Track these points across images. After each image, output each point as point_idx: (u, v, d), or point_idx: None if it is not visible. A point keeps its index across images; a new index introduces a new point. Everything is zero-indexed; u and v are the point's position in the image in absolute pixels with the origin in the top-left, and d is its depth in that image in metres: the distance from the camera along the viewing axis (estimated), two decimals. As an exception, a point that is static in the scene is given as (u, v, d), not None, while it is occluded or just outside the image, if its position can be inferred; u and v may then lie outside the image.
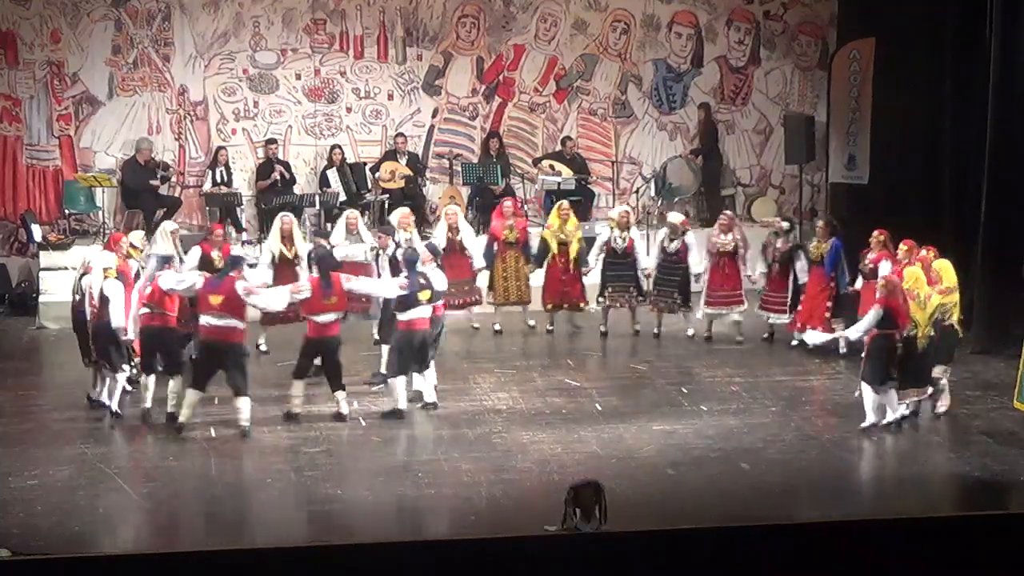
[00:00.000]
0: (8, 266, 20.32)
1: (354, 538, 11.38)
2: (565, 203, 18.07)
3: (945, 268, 14.22)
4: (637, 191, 21.61)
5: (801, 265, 16.87)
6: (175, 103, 20.86)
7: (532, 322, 17.74)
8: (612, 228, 17.45)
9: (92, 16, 20.56)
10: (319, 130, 21.26)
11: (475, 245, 17.65)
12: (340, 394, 14.03)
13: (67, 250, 19.55)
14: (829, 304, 16.60)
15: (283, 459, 13.13)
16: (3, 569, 8.62)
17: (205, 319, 13.59)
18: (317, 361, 14.30)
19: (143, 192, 20.08)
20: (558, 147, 21.41)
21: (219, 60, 20.95)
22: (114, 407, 14.15)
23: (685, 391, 15.22)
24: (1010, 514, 10.98)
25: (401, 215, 16.95)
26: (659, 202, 21.34)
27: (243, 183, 20.74)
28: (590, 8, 21.69)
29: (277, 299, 14.14)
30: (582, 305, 17.53)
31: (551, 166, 20.83)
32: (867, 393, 13.87)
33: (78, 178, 20.24)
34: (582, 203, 20.59)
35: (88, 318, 14.34)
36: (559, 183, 20.28)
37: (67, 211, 20.43)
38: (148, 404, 14.03)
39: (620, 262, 17.37)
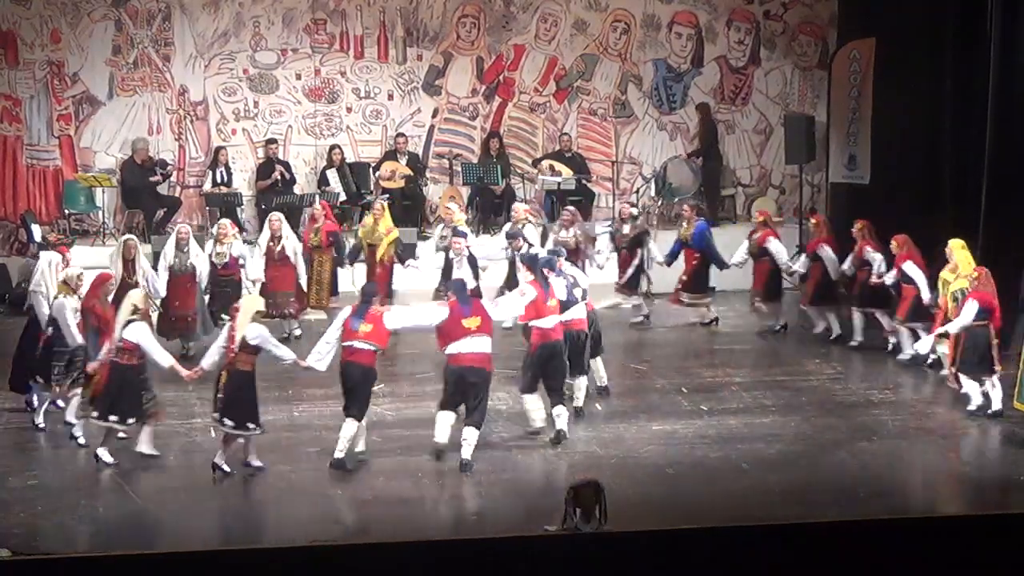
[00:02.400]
0: (8, 266, 20.30)
1: (354, 538, 11.39)
2: (378, 204, 17.85)
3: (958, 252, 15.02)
4: (637, 191, 21.62)
5: (651, 249, 17.53)
6: (175, 103, 20.87)
7: None
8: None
9: (92, 16, 20.57)
10: (319, 130, 21.27)
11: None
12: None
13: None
14: (684, 278, 17.65)
15: (283, 459, 13.12)
16: (3, 569, 8.62)
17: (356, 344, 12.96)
18: None
19: (143, 192, 20.08)
20: (557, 146, 21.42)
21: (219, 60, 20.95)
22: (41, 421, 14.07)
23: (685, 391, 15.22)
24: (1010, 514, 10.97)
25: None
26: (659, 202, 21.35)
27: (243, 183, 20.75)
28: (590, 8, 21.69)
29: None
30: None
31: (551, 166, 20.84)
32: (968, 383, 14.25)
33: (78, 178, 20.24)
34: (582, 203, 20.61)
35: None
36: (559, 183, 20.29)
37: (67, 211, 20.44)
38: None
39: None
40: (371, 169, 20.80)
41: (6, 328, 18.81)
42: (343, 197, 20.19)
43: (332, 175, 20.38)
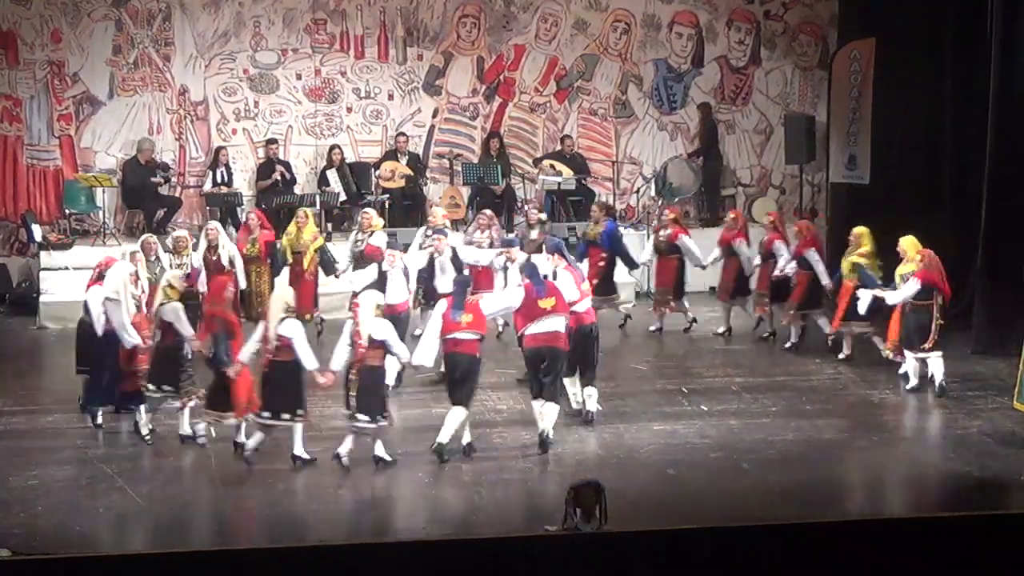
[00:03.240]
0: (8, 266, 20.33)
1: (355, 538, 11.38)
2: (302, 212, 17.47)
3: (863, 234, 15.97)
4: (637, 191, 21.63)
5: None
6: (175, 103, 20.88)
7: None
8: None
9: (93, 16, 20.58)
10: (319, 130, 21.28)
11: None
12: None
13: (68, 250, 19.56)
14: (595, 281, 16.93)
15: (283, 459, 13.12)
16: (3, 569, 8.62)
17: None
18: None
19: (144, 192, 20.09)
20: (558, 146, 21.42)
21: (219, 60, 20.96)
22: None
23: (685, 391, 15.22)
24: (1010, 514, 10.97)
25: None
26: (659, 202, 21.35)
27: (243, 183, 20.75)
28: (591, 8, 21.70)
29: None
30: (307, 317, 16.09)
31: (551, 166, 20.84)
32: (909, 361, 15.00)
33: (78, 178, 20.24)
34: (583, 203, 20.62)
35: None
36: (559, 183, 20.29)
37: (67, 211, 20.43)
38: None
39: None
40: (372, 169, 20.80)
41: (6, 328, 18.87)
42: (343, 197, 20.19)
43: (332, 175, 20.38)
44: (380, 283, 15.10)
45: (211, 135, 21.01)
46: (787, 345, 16.88)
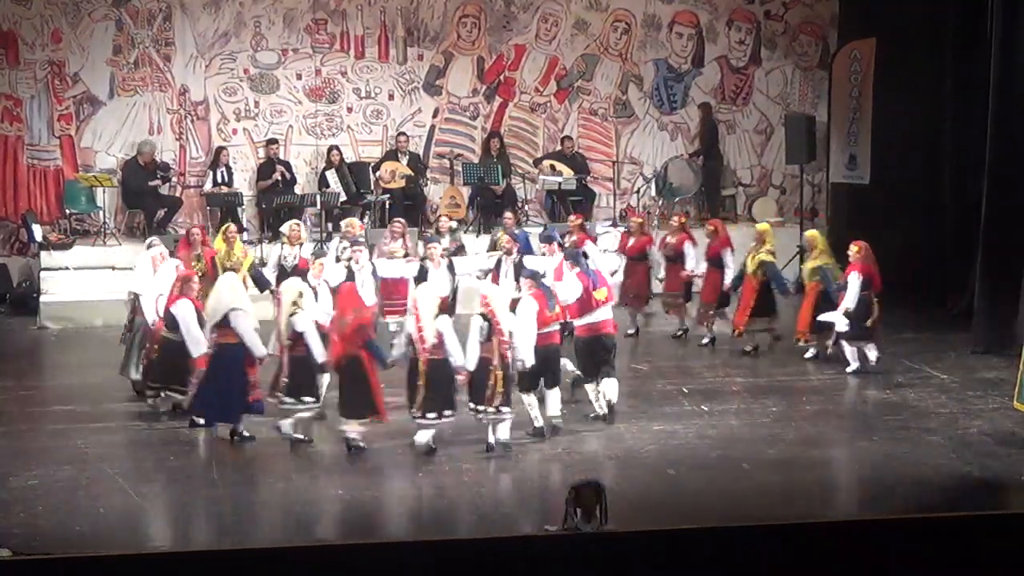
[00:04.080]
0: (9, 266, 20.33)
1: (354, 538, 11.38)
2: (232, 227, 16.72)
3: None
4: (638, 191, 21.64)
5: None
6: (176, 103, 20.88)
7: None
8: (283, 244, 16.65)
9: (93, 16, 20.58)
10: (320, 130, 21.28)
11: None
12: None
13: (68, 250, 19.56)
14: None
15: (283, 459, 13.12)
16: (3, 569, 8.62)
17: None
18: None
19: (144, 192, 20.09)
20: (558, 147, 21.43)
21: (220, 60, 20.97)
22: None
23: (685, 391, 15.21)
24: (1010, 514, 10.97)
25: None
26: (660, 202, 21.36)
27: (244, 183, 20.75)
28: (591, 8, 21.71)
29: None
30: None
31: (552, 166, 20.84)
32: (849, 350, 15.66)
33: (79, 178, 20.25)
34: (583, 203, 20.62)
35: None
36: (560, 183, 20.29)
37: (68, 211, 20.44)
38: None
39: None
40: (370, 169, 20.79)
41: (6, 328, 18.88)
42: (343, 197, 20.19)
43: (331, 176, 20.38)
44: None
45: (211, 135, 21.01)
46: (704, 342, 17.09)
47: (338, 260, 15.86)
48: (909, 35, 19.78)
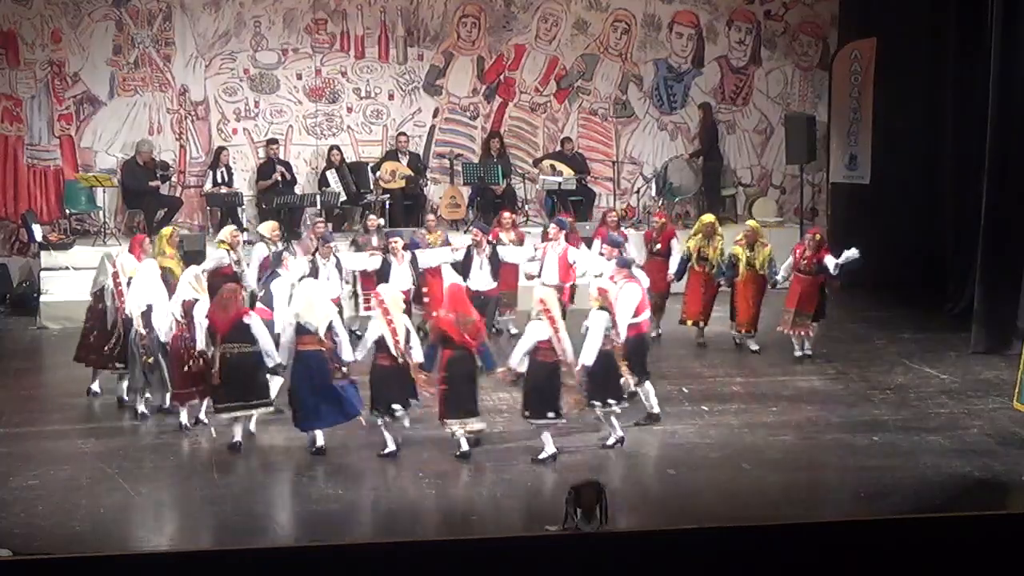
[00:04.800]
0: (9, 266, 20.32)
1: (354, 538, 11.38)
2: (174, 232, 16.45)
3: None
4: (638, 191, 21.63)
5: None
6: (176, 103, 20.87)
7: None
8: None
9: (93, 16, 20.57)
10: (320, 130, 21.27)
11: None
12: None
13: (68, 250, 19.55)
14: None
15: (283, 459, 13.13)
16: (3, 569, 8.62)
17: None
18: None
19: (144, 192, 20.08)
20: (558, 147, 21.43)
21: (220, 60, 20.96)
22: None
23: (686, 391, 15.21)
24: (1010, 514, 10.98)
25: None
26: (660, 202, 21.35)
27: (244, 183, 20.74)
28: (591, 8, 21.70)
29: None
30: None
31: (552, 166, 20.84)
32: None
33: (79, 178, 20.24)
34: (583, 203, 20.63)
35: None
36: (560, 183, 20.29)
37: (68, 211, 20.43)
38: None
39: None
40: (370, 169, 20.78)
41: (6, 328, 18.87)
42: (343, 197, 20.19)
43: (331, 175, 20.38)
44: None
45: (211, 135, 21.01)
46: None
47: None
48: (909, 35, 19.78)
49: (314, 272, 16.00)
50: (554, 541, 8.96)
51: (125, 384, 14.50)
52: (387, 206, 20.18)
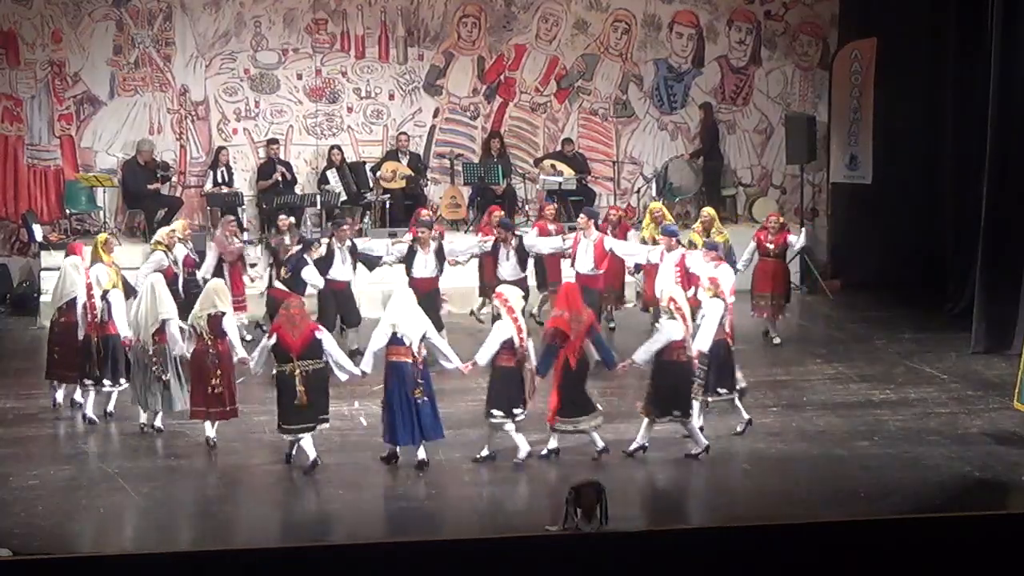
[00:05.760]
0: (9, 266, 20.33)
1: (354, 538, 11.38)
2: (108, 240, 15.42)
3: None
4: (638, 191, 21.63)
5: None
6: (176, 103, 20.88)
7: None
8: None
9: (93, 16, 20.58)
10: (320, 130, 21.27)
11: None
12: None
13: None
14: None
15: (281, 460, 13.10)
16: (3, 569, 8.62)
17: None
18: None
19: (144, 194, 20.09)
20: (559, 147, 21.43)
21: (220, 60, 20.96)
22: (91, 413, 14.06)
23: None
24: (1010, 514, 10.98)
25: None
26: (660, 202, 21.33)
27: (244, 183, 20.75)
28: (591, 8, 21.70)
29: None
30: None
31: (552, 166, 20.84)
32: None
33: (79, 178, 20.25)
34: (583, 203, 20.61)
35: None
36: (560, 183, 20.29)
37: (68, 211, 20.44)
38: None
39: None
40: (370, 170, 20.78)
41: (6, 328, 18.87)
42: (343, 197, 20.20)
43: (332, 175, 20.39)
44: None
45: (212, 135, 21.01)
46: None
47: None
48: (910, 35, 19.79)
49: (329, 257, 16.14)
50: (554, 541, 8.95)
51: (92, 399, 14.09)
52: (387, 206, 20.18)
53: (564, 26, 21.69)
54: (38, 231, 19.73)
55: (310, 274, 15.90)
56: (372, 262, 16.88)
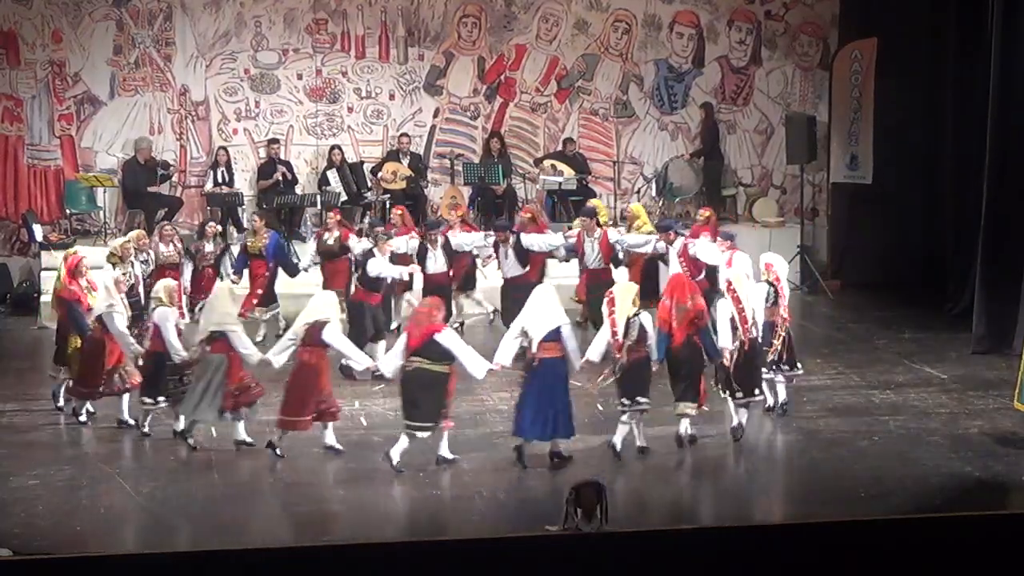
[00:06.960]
0: (9, 266, 20.33)
1: (354, 538, 11.38)
2: (78, 256, 15.05)
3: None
4: (638, 191, 21.63)
5: (230, 263, 17.40)
6: (176, 103, 20.88)
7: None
8: None
9: (93, 16, 20.59)
10: (320, 130, 21.28)
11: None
12: None
13: (68, 250, 19.53)
14: (259, 292, 17.15)
15: (283, 459, 13.11)
16: (3, 569, 8.62)
17: None
18: None
19: (144, 194, 20.09)
20: (559, 147, 21.43)
21: (220, 60, 20.97)
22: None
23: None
24: (1010, 514, 10.97)
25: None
26: (660, 202, 21.35)
27: (244, 183, 20.76)
28: (591, 8, 21.70)
29: None
30: None
31: (552, 166, 20.84)
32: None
33: (79, 178, 20.26)
34: (584, 203, 20.59)
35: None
36: (560, 183, 20.29)
37: (68, 211, 20.46)
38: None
39: None
40: (370, 171, 20.78)
41: (6, 328, 18.88)
42: (344, 197, 20.20)
43: (332, 175, 20.39)
44: None
45: (212, 135, 21.02)
46: None
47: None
48: (909, 35, 19.80)
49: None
50: (554, 541, 8.94)
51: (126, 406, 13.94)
52: (387, 206, 20.18)
53: (564, 26, 21.69)
54: (38, 231, 19.74)
55: (377, 266, 15.69)
56: (292, 268, 17.29)
